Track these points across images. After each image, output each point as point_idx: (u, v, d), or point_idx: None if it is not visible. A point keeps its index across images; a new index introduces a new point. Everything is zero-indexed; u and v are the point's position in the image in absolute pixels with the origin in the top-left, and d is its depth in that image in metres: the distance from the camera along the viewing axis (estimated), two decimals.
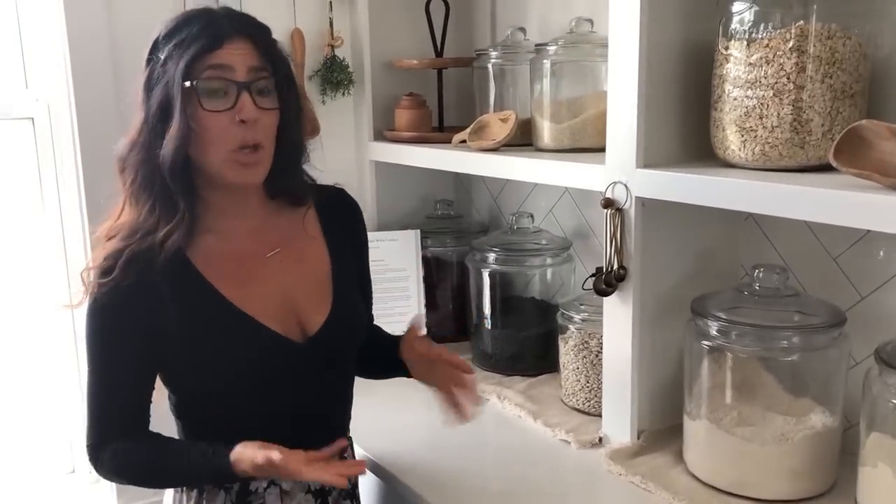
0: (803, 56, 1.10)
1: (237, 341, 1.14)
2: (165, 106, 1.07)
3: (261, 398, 1.16)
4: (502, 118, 1.63)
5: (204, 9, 1.12)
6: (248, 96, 1.08)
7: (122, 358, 1.13)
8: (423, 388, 1.30)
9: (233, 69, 1.07)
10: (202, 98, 1.07)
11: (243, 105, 1.07)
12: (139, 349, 1.12)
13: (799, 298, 1.24)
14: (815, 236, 1.33)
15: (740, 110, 1.16)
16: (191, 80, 1.06)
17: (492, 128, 1.64)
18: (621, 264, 1.29)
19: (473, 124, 1.68)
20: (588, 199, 1.78)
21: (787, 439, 1.17)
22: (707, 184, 1.15)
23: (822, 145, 1.12)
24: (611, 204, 1.29)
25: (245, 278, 1.16)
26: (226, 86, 1.07)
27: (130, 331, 1.11)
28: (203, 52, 1.06)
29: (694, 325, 1.26)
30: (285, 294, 1.19)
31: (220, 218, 1.17)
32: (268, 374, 1.16)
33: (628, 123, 1.25)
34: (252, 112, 1.08)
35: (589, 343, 1.49)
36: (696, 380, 1.26)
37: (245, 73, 1.08)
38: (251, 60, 1.08)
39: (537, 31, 1.80)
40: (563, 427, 1.45)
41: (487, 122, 1.66)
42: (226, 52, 1.07)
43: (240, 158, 1.10)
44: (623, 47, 1.24)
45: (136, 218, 1.11)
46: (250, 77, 1.08)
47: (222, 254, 1.16)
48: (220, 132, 1.08)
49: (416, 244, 1.91)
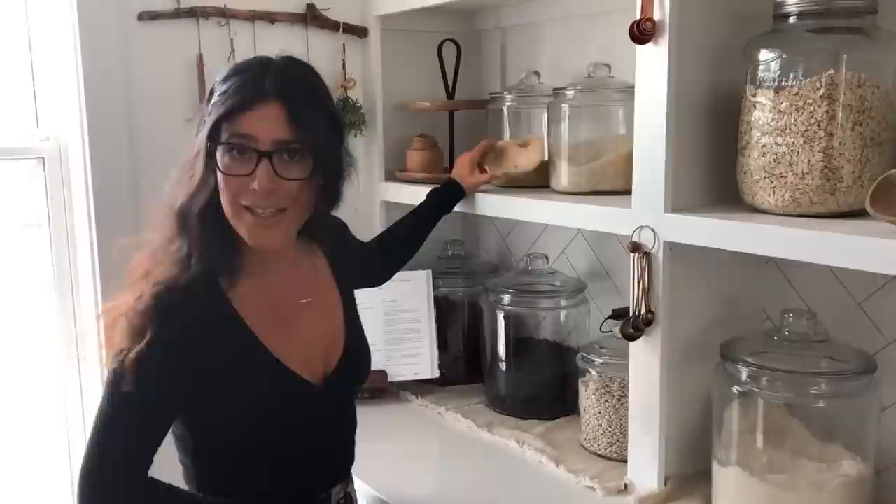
0: (834, 104, 1.12)
1: (271, 389, 1.12)
2: (195, 154, 1.08)
3: (280, 441, 1.15)
4: (520, 144, 1.63)
5: (259, 60, 1.09)
6: (268, 166, 1.04)
7: (145, 405, 1.07)
8: (442, 436, 1.29)
9: (256, 139, 1.04)
10: (223, 160, 1.05)
11: (259, 175, 1.04)
12: (166, 398, 1.07)
13: (828, 344, 1.24)
14: (840, 281, 1.33)
15: (769, 157, 1.17)
16: (214, 140, 1.05)
17: (510, 154, 1.64)
18: (649, 308, 1.29)
19: (490, 152, 1.68)
20: (602, 241, 1.78)
21: (822, 487, 1.16)
22: (738, 229, 1.16)
23: (853, 192, 1.13)
24: (638, 248, 1.29)
25: (280, 324, 1.15)
26: (248, 150, 1.05)
27: (161, 383, 1.05)
28: (233, 114, 1.03)
29: (723, 370, 1.25)
30: (313, 338, 1.19)
31: (258, 262, 1.14)
32: (291, 419, 1.15)
33: (656, 168, 1.26)
34: (266, 184, 1.04)
35: (611, 387, 1.48)
36: (726, 425, 1.26)
37: (268, 144, 1.04)
38: (278, 132, 1.04)
39: (549, 75, 1.81)
40: (587, 473, 1.43)
41: (505, 149, 1.66)
42: (255, 118, 1.04)
43: (255, 219, 1.07)
44: (650, 93, 1.25)
45: (166, 246, 1.09)
46: (273, 147, 1.04)
47: (261, 299, 1.14)
48: (236, 193, 1.06)
49: (427, 285, 1.90)
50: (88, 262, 1.75)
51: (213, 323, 1.09)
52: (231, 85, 1.05)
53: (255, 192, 1.05)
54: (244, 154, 1.05)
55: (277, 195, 1.06)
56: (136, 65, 1.73)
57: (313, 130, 1.07)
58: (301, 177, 1.07)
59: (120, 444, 1.04)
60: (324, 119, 1.09)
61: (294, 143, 1.05)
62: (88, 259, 1.74)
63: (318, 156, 1.08)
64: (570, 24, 1.82)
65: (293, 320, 1.17)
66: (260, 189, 1.04)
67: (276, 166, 1.05)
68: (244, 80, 1.05)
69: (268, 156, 1.04)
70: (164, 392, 1.05)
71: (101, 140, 1.69)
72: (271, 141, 1.04)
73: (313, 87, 1.10)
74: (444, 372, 1.87)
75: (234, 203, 1.07)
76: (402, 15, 1.92)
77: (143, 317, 1.02)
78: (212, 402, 1.09)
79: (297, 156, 1.06)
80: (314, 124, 1.07)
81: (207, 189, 1.07)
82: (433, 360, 1.86)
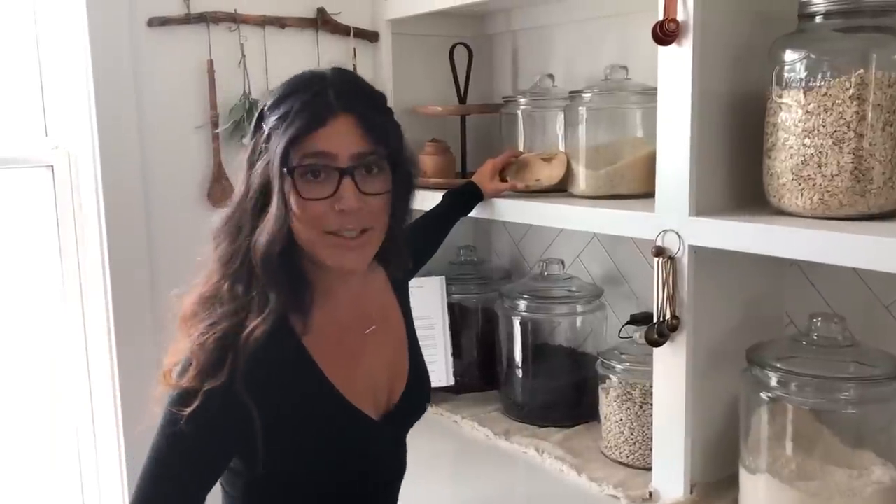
0: (864, 104, 1.10)
1: (336, 427, 1.05)
2: (265, 187, 0.98)
3: (338, 476, 1.08)
4: (544, 158, 1.61)
5: (312, 76, 1.01)
6: (351, 183, 0.97)
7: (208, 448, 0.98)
8: (459, 445, 1.26)
9: (334, 156, 0.97)
10: (299, 185, 0.97)
11: (343, 194, 0.97)
12: (229, 441, 0.99)
13: (857, 349, 1.21)
14: (866, 284, 1.31)
15: (797, 158, 1.15)
16: (288, 165, 0.96)
17: (532, 167, 1.62)
18: (674, 314, 1.27)
19: (513, 163, 1.66)
20: (617, 245, 1.77)
21: (854, 494, 1.14)
22: (768, 232, 1.14)
23: (884, 193, 1.12)
24: (662, 252, 1.27)
25: (346, 358, 1.08)
26: (326, 170, 0.97)
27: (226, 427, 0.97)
28: (303, 134, 0.96)
29: (750, 375, 1.23)
30: (378, 368, 1.12)
31: (325, 291, 1.06)
32: (352, 455, 1.08)
33: (680, 171, 1.24)
34: (353, 202, 0.97)
35: (632, 393, 1.46)
36: (753, 431, 1.23)
37: (347, 159, 0.97)
38: (356, 145, 0.97)
39: (561, 78, 1.79)
40: (609, 481, 1.41)
41: (528, 162, 1.65)
42: (328, 134, 0.96)
43: (339, 242, 0.99)
44: (673, 96, 1.24)
45: (222, 294, 0.99)
46: (353, 162, 0.97)
47: (328, 332, 1.06)
48: (319, 217, 0.98)
49: (441, 291, 1.88)
50: (99, 271, 1.72)
51: (286, 365, 1.01)
52: (290, 106, 0.97)
53: (342, 213, 0.97)
54: (318, 176, 0.97)
55: (363, 214, 0.99)
56: (147, 71, 1.71)
57: (388, 138, 1.01)
58: (384, 190, 1.01)
59: (176, 488, 0.97)
60: (391, 125, 1.04)
61: (372, 155, 0.99)
62: (99, 267, 1.72)
63: (396, 166, 1.02)
64: (581, 27, 1.81)
65: (358, 353, 1.09)
66: (348, 209, 0.97)
67: (358, 183, 0.98)
68: (305, 99, 0.97)
69: (349, 172, 0.97)
70: (228, 436, 0.98)
71: (111, 148, 1.67)
72: (350, 156, 0.97)
73: (374, 95, 1.04)
74: (458, 379, 1.85)
75: (317, 230, 0.98)
76: (412, 19, 1.91)
77: (215, 357, 0.95)
78: (276, 442, 1.00)
79: (375, 168, 1.00)
80: (387, 132, 1.01)
81: (286, 224, 0.97)
82: (448, 368, 1.83)
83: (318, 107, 0.97)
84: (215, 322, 0.97)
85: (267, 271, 0.98)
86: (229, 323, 0.97)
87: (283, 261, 0.99)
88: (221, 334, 0.96)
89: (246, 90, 1.81)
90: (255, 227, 0.98)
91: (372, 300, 1.14)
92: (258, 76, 1.83)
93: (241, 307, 0.98)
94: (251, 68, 1.82)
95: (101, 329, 1.75)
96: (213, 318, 0.97)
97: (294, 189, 0.97)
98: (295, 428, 1.01)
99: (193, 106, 1.78)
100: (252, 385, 0.95)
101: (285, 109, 0.97)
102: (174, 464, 0.96)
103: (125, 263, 1.71)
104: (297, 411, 1.01)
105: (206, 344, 0.95)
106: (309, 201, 0.97)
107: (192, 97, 1.77)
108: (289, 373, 1.02)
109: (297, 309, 1.01)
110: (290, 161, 0.96)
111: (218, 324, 0.97)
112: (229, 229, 1.01)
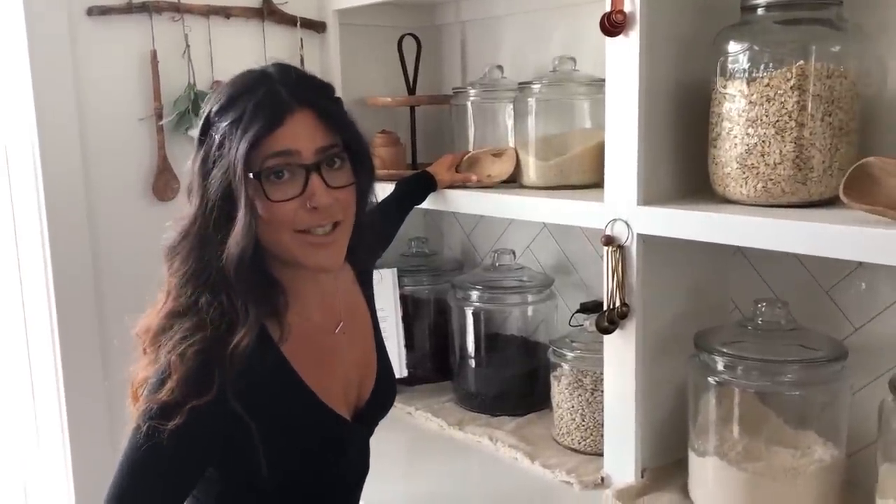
0: (804, 95, 1.13)
1: (316, 433, 1.04)
2: (227, 197, 0.94)
3: (315, 480, 1.07)
4: (495, 154, 1.62)
5: (257, 75, 0.97)
6: (319, 179, 0.95)
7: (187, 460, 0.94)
8: (413, 436, 1.26)
9: (298, 153, 0.94)
10: (267, 188, 0.94)
11: (314, 191, 0.95)
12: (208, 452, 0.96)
13: (800, 332, 1.25)
14: (807, 269, 1.35)
15: (741, 148, 1.18)
16: (253, 170, 0.93)
17: (483, 163, 1.63)
18: (623, 301, 1.29)
19: (464, 160, 1.67)
20: (567, 235, 1.78)
21: (798, 473, 1.18)
22: (714, 220, 1.16)
23: (824, 181, 1.15)
24: (611, 241, 1.29)
25: (320, 360, 1.06)
26: (290, 168, 0.94)
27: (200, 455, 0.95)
28: (263, 136, 0.92)
29: (698, 361, 1.26)
30: (349, 370, 1.11)
31: (297, 291, 1.03)
32: (330, 459, 1.07)
33: (627, 161, 1.26)
34: (325, 198, 0.95)
35: (583, 381, 1.48)
36: (701, 415, 1.26)
37: (312, 155, 0.95)
38: (318, 139, 0.95)
39: (510, 69, 1.80)
40: (562, 468, 1.42)
41: (478, 158, 1.65)
42: (288, 132, 0.93)
43: (312, 240, 0.97)
44: (620, 86, 1.25)
45: (194, 308, 0.95)
46: (318, 157, 0.95)
47: (301, 334, 1.03)
48: (289, 218, 0.95)
49: (393, 283, 1.87)
50: (41, 268, 1.67)
51: (267, 374, 0.98)
52: (242, 109, 0.93)
53: (313, 210, 0.95)
54: (283, 176, 0.94)
55: (334, 208, 0.97)
56: (87, 62, 1.66)
57: (346, 129, 0.99)
58: (349, 182, 0.99)
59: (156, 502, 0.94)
60: (346, 116, 1.02)
61: (334, 147, 0.97)
62: (41, 263, 1.67)
63: (356, 155, 1.01)
64: (530, 18, 1.82)
65: (330, 353, 1.08)
66: (320, 205, 0.95)
67: (325, 178, 0.96)
68: (256, 100, 0.93)
69: (315, 168, 0.95)
70: (212, 450, 0.96)
71: (50, 141, 1.62)
72: (314, 151, 0.95)
73: (325, 86, 1.01)
74: (411, 371, 1.85)
75: (287, 231, 0.96)
76: (360, 9, 1.90)
77: (200, 372, 0.91)
78: (254, 450, 0.97)
79: (338, 161, 0.98)
80: (344, 122, 1.00)
81: (252, 232, 0.94)
82: (401, 360, 1.83)
83: (273, 106, 0.93)
84: (188, 335, 0.93)
85: (241, 280, 0.94)
86: (204, 335, 0.93)
87: (254, 267, 0.96)
88: (200, 347, 0.92)
89: (190, 81, 1.77)
90: (224, 237, 0.94)
91: (340, 297, 1.12)
92: (203, 67, 1.79)
93: (215, 319, 0.94)
94: (196, 59, 1.78)
95: (43, 325, 1.70)
96: (184, 332, 0.93)
97: (263, 194, 0.94)
98: (280, 436, 0.99)
99: (136, 97, 1.73)
100: (243, 397, 0.93)
101: (237, 113, 0.94)
102: (152, 478, 0.92)
103: (67, 258, 1.66)
104: (281, 420, 0.99)
105: (186, 356, 0.91)
106: (277, 203, 0.94)
107: (135, 88, 1.73)
108: (271, 381, 0.99)
109: (274, 314, 0.99)
110: (253, 165, 0.93)
111: (192, 336, 0.93)
112: (192, 244, 0.96)
